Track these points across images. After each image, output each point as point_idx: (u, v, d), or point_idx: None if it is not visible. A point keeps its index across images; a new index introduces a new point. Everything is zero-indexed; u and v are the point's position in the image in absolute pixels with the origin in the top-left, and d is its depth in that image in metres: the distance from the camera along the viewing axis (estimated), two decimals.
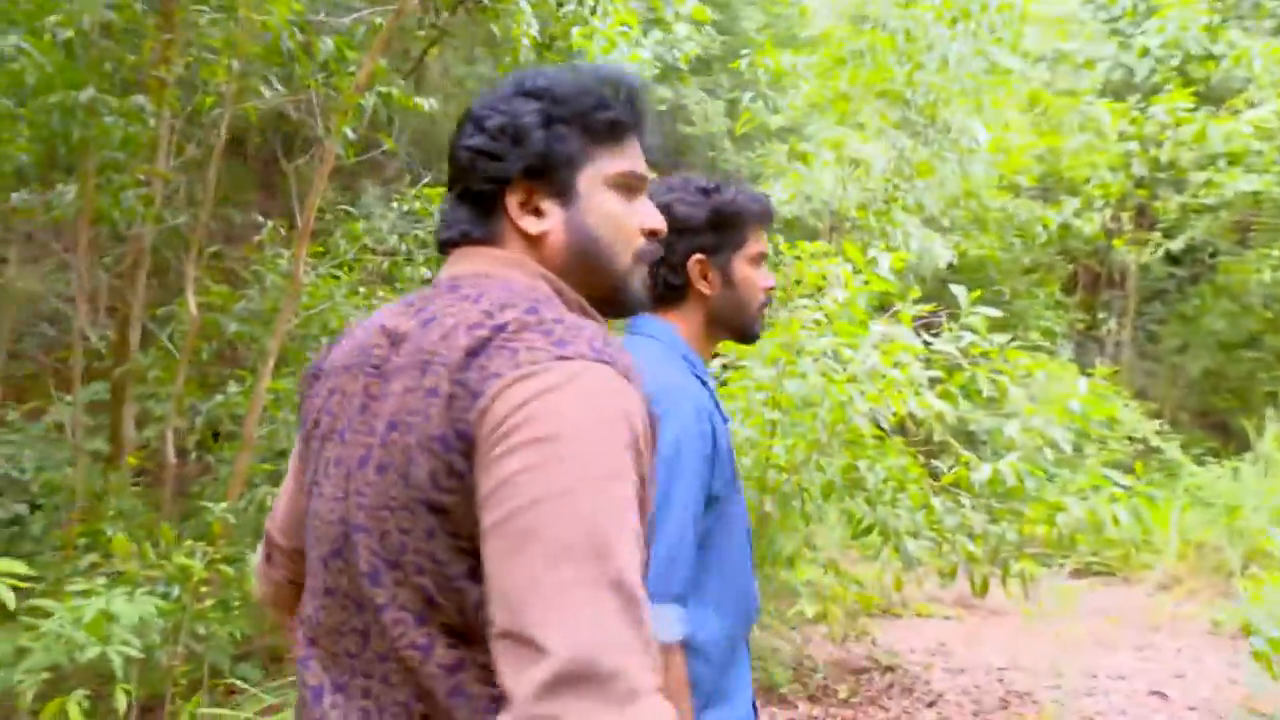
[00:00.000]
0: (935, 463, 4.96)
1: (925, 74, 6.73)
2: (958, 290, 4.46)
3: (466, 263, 1.08)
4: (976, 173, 7.71)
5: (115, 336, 5.16)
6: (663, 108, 10.26)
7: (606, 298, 1.11)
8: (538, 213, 1.08)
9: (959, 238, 9.67)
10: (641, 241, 1.12)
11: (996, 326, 4.56)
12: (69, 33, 3.86)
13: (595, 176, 1.09)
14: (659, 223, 1.14)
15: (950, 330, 4.48)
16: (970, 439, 6.36)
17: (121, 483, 4.61)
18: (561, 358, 0.89)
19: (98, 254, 5.33)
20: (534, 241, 1.08)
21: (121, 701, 3.04)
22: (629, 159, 1.11)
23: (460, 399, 0.90)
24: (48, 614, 2.99)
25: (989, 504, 4.61)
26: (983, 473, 4.30)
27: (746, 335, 1.64)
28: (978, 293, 4.49)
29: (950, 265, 8.31)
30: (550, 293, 1.05)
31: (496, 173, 1.07)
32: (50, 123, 4.13)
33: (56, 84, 3.95)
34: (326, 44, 4.05)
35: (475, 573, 0.89)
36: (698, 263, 1.59)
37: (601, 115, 1.08)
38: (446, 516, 0.90)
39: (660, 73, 8.75)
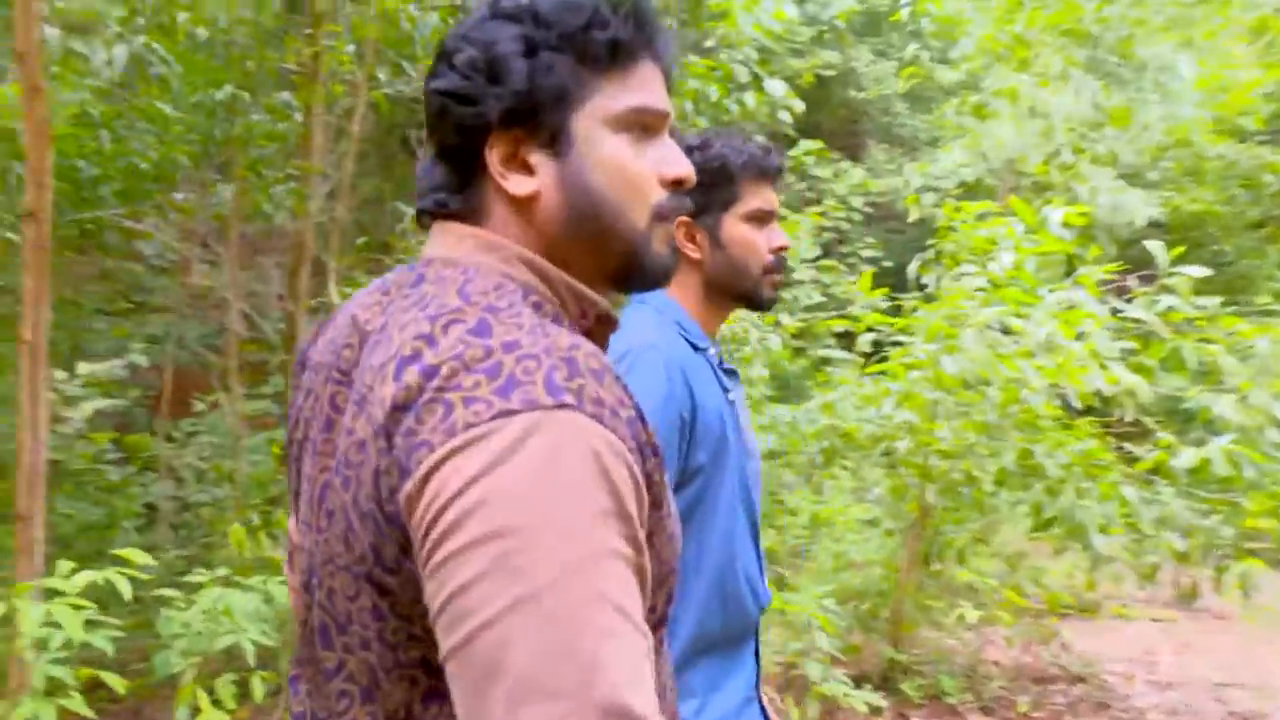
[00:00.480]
0: (1130, 447, 4.33)
1: (1118, 6, 5.92)
2: (1154, 247, 3.83)
3: (439, 243, 0.89)
4: (1184, 115, 6.75)
5: (286, 330, 5.38)
6: (830, 73, 9.73)
7: (622, 268, 0.90)
8: (526, 168, 0.88)
9: (1171, 192, 8.60)
10: (662, 194, 0.90)
11: (1211, 289, 3.91)
12: (203, 32, 3.94)
13: (595, 116, 0.87)
14: (684, 169, 0.91)
15: (1146, 295, 3.88)
16: (1177, 419, 5.59)
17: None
18: (506, 412, 0.69)
19: (254, 250, 5.55)
20: (522, 206, 0.88)
21: (259, 689, 3.09)
22: (641, 91, 0.89)
23: (386, 473, 0.73)
24: (177, 602, 3.07)
25: (1198, 494, 3.97)
26: (1186, 458, 3.68)
27: (754, 301, 1.50)
28: (1179, 250, 3.85)
29: (1156, 223, 7.36)
30: (520, 288, 0.85)
31: (472, 120, 0.86)
32: (199, 123, 4.30)
33: (198, 83, 4.08)
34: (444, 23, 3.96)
35: (430, 663, 0.75)
36: (681, 225, 1.46)
37: (598, 35, 0.86)
38: (394, 598, 0.75)
39: (817, 35, 8.26)
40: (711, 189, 1.46)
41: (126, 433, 5.66)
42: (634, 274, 0.91)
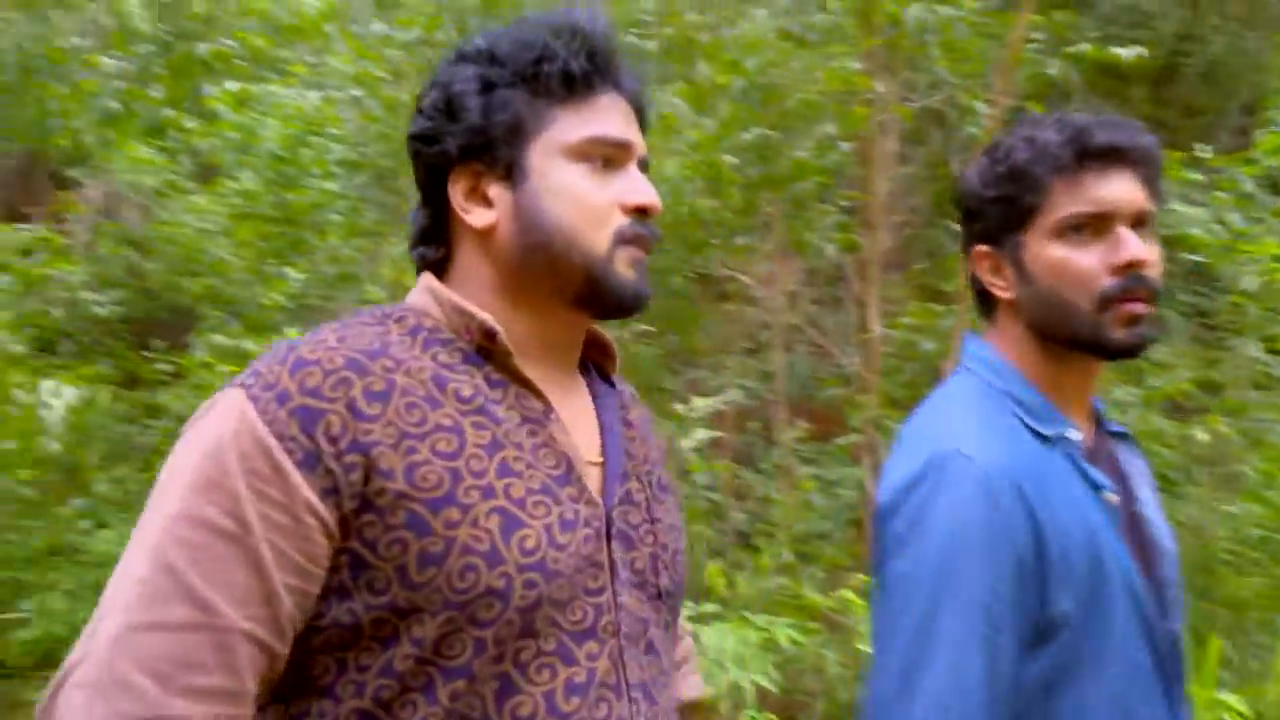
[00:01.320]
0: None
1: None
2: None
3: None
4: None
5: (864, 363, 5.26)
6: None
7: (584, 293, 0.91)
8: (486, 201, 0.92)
9: None
10: (623, 220, 0.91)
11: None
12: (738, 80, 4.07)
13: (551, 147, 0.91)
14: (646, 197, 0.92)
15: None
16: None
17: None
18: (225, 387, 0.84)
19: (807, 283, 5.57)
20: (483, 237, 0.93)
21: None
22: (597, 122, 0.91)
23: None
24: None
25: None
26: None
27: (1100, 348, 1.05)
28: None
29: None
30: (393, 311, 0.91)
31: (435, 159, 0.92)
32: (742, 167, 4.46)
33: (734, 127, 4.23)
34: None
35: None
36: (981, 257, 1.14)
37: (549, 69, 0.89)
38: None
39: None
40: (1007, 203, 1.10)
41: (743, 463, 6.12)
42: (598, 297, 0.91)
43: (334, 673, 0.80)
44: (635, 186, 0.91)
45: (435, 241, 0.95)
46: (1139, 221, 1.06)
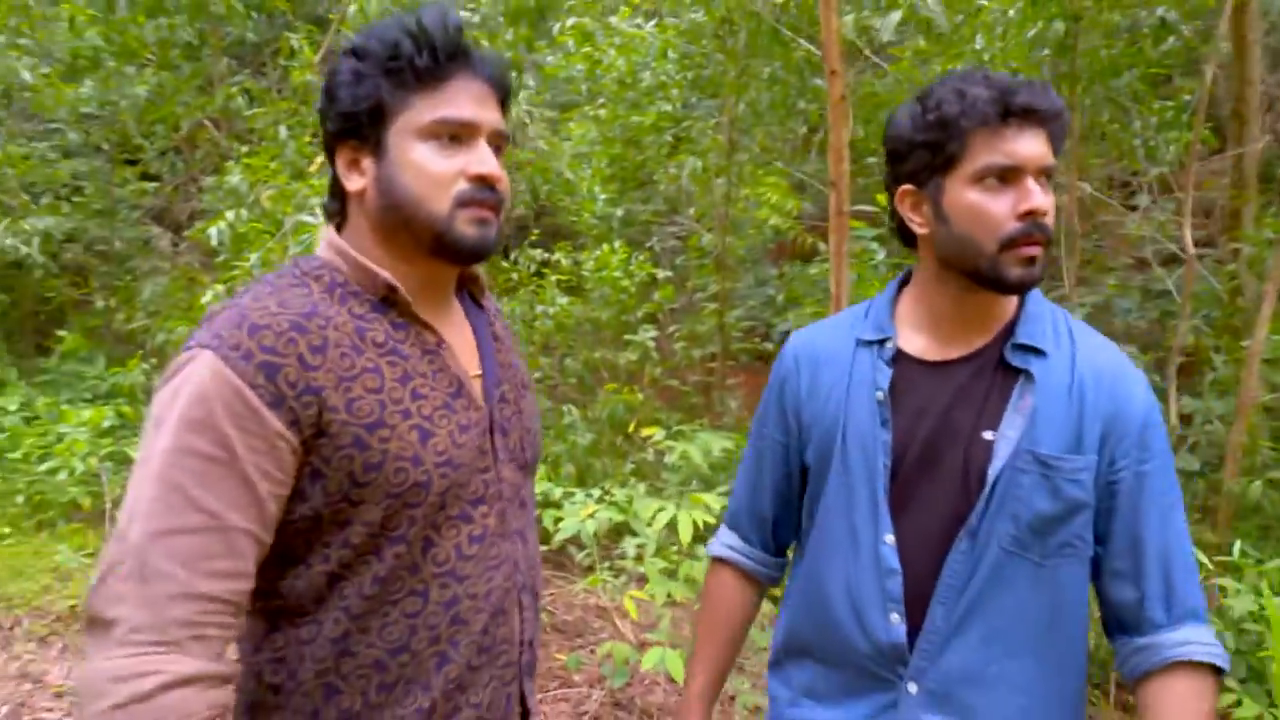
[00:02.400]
0: None
1: None
2: None
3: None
4: None
5: None
6: None
7: (434, 246, 1.13)
8: (360, 170, 1.14)
9: None
10: (464, 187, 1.11)
11: None
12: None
13: (406, 128, 1.10)
14: (485, 167, 1.11)
15: None
16: None
17: None
18: (188, 348, 1.04)
19: None
20: (358, 199, 1.15)
21: None
22: (446, 106, 1.10)
23: None
24: None
25: None
26: None
27: (998, 281, 1.21)
28: None
29: None
30: (322, 266, 1.14)
31: (326, 137, 1.16)
32: None
33: None
34: None
35: None
36: (904, 195, 1.30)
37: (399, 62, 1.09)
38: None
39: None
40: (930, 148, 1.24)
41: None
42: (446, 249, 1.12)
43: (306, 547, 1.08)
44: (479, 157, 1.11)
45: (335, 200, 1.19)
46: (1043, 174, 1.21)
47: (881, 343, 1.34)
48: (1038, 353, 1.27)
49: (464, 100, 1.11)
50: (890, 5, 4.20)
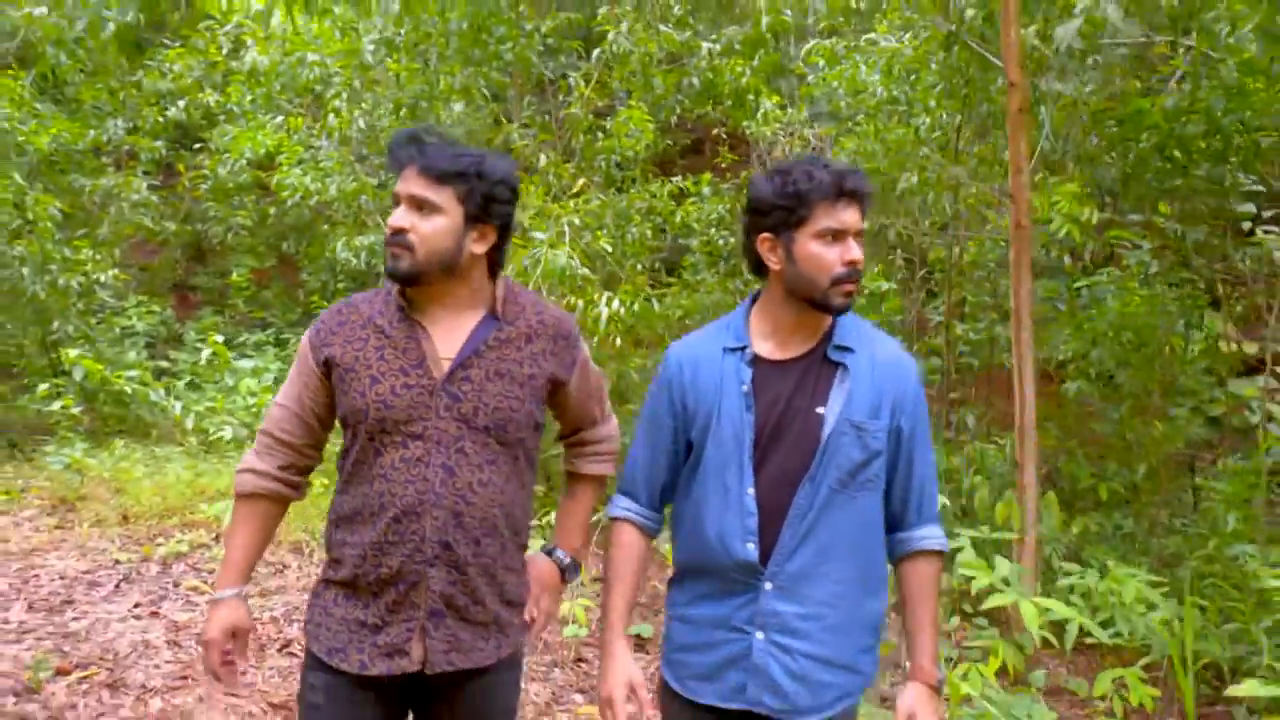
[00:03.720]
0: None
1: None
2: None
3: None
4: None
5: None
6: None
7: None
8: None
9: None
10: (389, 233, 1.76)
11: None
12: None
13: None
14: (394, 223, 1.75)
15: None
16: None
17: None
18: None
19: None
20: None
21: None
22: (400, 184, 1.76)
23: None
24: None
25: None
26: None
27: (826, 307, 1.76)
28: None
29: None
30: (386, 288, 1.88)
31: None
32: None
33: None
34: None
35: None
36: (763, 240, 1.80)
37: (389, 159, 1.81)
38: None
39: None
40: (788, 210, 1.74)
41: None
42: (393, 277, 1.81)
43: (344, 437, 1.83)
44: (396, 219, 1.74)
45: None
46: (859, 235, 1.76)
47: (742, 349, 1.83)
48: (848, 350, 1.80)
49: (404, 181, 1.76)
50: (1064, 11, 4.08)
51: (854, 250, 1.74)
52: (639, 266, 6.80)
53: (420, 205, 1.73)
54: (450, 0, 6.58)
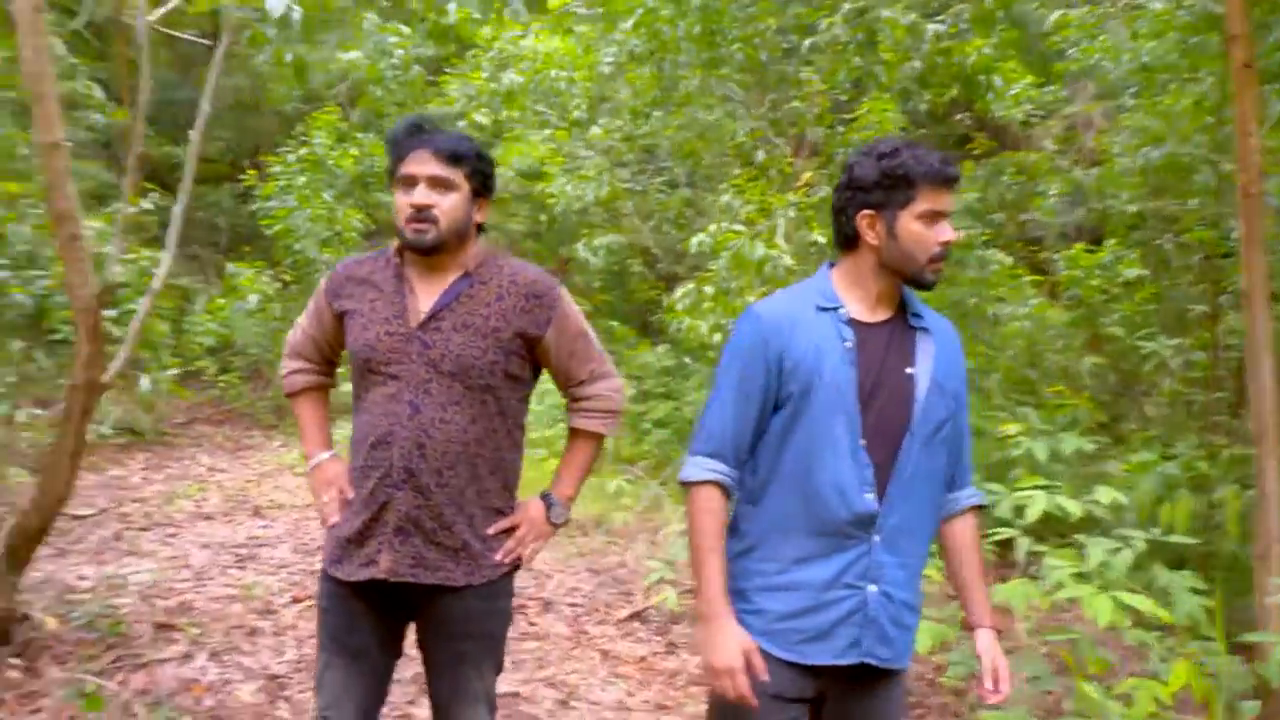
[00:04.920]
0: None
1: None
2: None
3: None
4: None
5: None
6: None
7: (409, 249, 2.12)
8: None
9: None
10: (409, 210, 1.99)
11: None
12: None
13: (396, 179, 2.05)
14: (418, 199, 1.99)
15: None
16: None
17: None
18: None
19: None
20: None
21: None
22: (407, 166, 2.01)
23: None
24: None
25: None
26: None
27: (918, 283, 1.87)
28: None
29: None
30: (389, 249, 2.15)
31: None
32: None
33: None
34: None
35: None
36: (865, 217, 1.86)
37: (391, 148, 2.07)
38: None
39: None
40: (892, 190, 1.82)
41: None
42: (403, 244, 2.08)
43: (351, 373, 2.13)
44: (411, 195, 1.99)
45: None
46: (949, 216, 1.86)
47: (835, 309, 1.87)
48: (921, 318, 1.92)
49: (415, 164, 2.00)
50: None
51: (949, 232, 1.84)
52: None
53: (440, 184, 1.98)
54: (681, 9, 6.89)
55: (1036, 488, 3.18)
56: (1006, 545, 3.44)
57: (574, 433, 2.25)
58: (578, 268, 10.36)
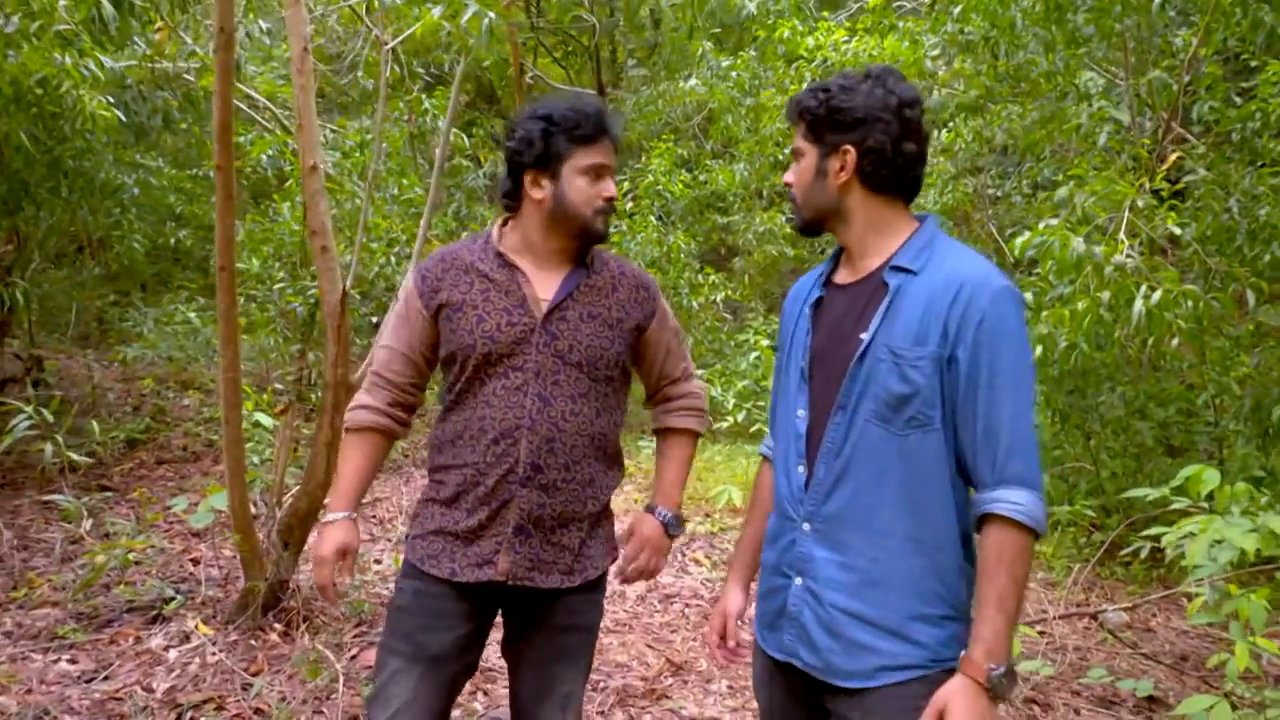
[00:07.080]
0: None
1: None
2: None
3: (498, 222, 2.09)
4: None
5: None
6: None
7: (574, 234, 1.96)
8: (538, 186, 1.94)
9: None
10: (599, 203, 1.93)
11: None
12: None
13: (574, 167, 1.91)
14: (612, 192, 1.95)
15: None
16: None
17: None
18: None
19: None
20: (534, 203, 1.96)
21: None
22: (595, 156, 1.92)
23: None
24: None
25: None
26: None
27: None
28: None
29: None
30: (481, 235, 2.05)
31: (514, 164, 1.96)
32: None
33: None
34: None
35: None
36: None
37: (576, 130, 1.92)
38: None
39: None
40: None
41: None
42: (583, 236, 1.99)
43: (447, 372, 2.00)
44: (606, 187, 1.94)
45: (512, 200, 1.99)
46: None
47: (822, 272, 1.77)
48: (909, 273, 1.57)
49: (602, 152, 1.93)
50: None
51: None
52: None
53: (612, 174, 1.97)
54: None
55: None
56: None
57: (671, 432, 2.14)
58: None
